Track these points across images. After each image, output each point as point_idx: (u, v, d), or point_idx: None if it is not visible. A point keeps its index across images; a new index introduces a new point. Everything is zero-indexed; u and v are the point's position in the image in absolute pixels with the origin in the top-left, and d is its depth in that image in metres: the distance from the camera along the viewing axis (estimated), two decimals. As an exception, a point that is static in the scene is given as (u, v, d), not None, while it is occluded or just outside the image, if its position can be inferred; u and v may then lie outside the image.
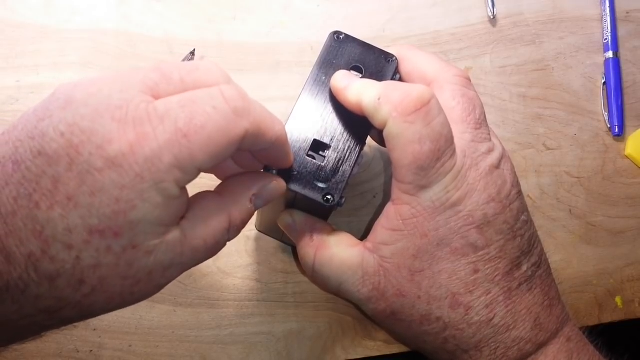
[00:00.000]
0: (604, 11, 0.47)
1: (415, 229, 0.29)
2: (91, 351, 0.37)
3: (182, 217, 0.24)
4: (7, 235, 0.20)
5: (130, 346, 0.37)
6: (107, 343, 0.37)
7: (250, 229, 0.40)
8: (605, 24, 0.46)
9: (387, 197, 0.41)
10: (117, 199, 0.20)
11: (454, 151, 0.28)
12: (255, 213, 0.29)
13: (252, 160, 0.28)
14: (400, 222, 0.29)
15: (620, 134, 0.44)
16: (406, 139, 0.27)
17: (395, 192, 0.29)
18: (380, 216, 0.31)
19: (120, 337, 0.37)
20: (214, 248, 0.25)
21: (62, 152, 0.20)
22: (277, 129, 0.24)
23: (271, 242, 0.40)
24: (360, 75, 0.31)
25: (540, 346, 0.30)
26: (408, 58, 0.32)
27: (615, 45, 0.46)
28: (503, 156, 0.31)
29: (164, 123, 0.21)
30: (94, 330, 0.37)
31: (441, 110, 0.28)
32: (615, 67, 0.45)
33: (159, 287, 0.24)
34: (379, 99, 0.27)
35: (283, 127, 0.25)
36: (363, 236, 0.40)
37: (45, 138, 0.20)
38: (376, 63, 0.31)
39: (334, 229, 0.32)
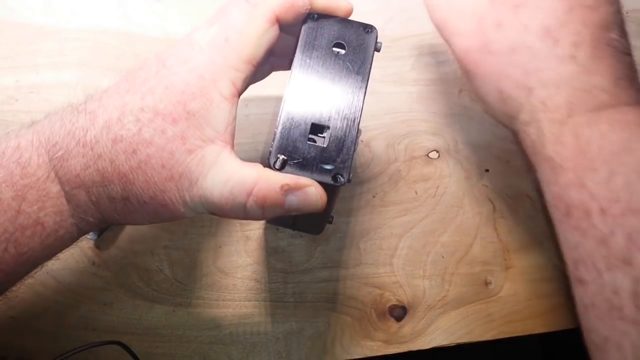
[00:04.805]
0: (604, 11, 0.47)
1: None
2: (90, 351, 0.37)
3: (222, 150, 0.27)
4: (99, 107, 0.27)
5: (130, 346, 0.37)
6: (106, 343, 0.37)
7: (250, 229, 0.40)
8: (605, 24, 0.46)
9: (386, 197, 0.41)
10: (182, 91, 0.27)
11: None
12: None
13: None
14: None
15: (620, 134, 0.44)
16: None
17: None
18: None
19: (120, 337, 0.37)
20: (228, 201, 0.27)
21: (154, 63, 0.28)
22: None
23: (271, 242, 0.40)
24: (344, 52, 0.31)
25: (619, 103, 0.30)
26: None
27: (615, 45, 0.46)
28: None
29: (211, 37, 0.29)
30: (94, 330, 0.37)
31: None
32: (615, 67, 0.45)
33: (183, 203, 0.27)
34: None
35: None
36: (365, 235, 0.40)
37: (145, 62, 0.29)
38: (357, 37, 0.31)
39: None
